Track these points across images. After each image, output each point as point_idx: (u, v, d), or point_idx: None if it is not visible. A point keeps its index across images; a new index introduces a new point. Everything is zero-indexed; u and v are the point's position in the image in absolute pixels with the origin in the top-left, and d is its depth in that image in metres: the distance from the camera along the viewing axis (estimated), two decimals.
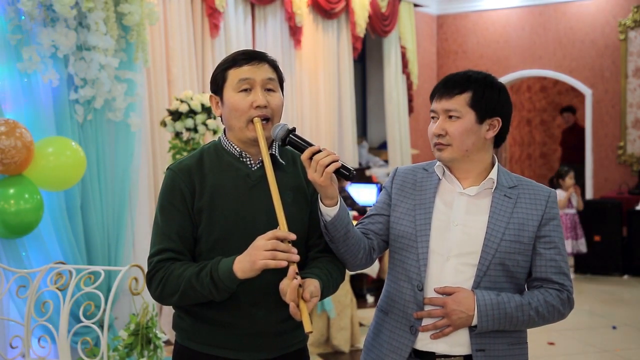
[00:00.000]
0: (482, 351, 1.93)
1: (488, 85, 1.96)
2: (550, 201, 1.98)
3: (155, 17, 4.18)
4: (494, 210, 1.95)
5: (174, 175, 1.91)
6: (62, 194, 3.75)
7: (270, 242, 1.73)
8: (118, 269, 3.26)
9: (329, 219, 1.85)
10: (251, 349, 1.90)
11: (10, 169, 3.37)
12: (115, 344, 3.51)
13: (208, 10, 5.65)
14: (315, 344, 4.73)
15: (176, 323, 1.98)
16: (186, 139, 4.64)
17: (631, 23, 8.41)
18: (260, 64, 1.91)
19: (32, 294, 3.23)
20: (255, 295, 1.87)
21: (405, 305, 1.98)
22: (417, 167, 2.10)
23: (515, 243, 1.93)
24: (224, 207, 1.87)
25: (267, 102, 1.88)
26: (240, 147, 1.93)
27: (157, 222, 1.91)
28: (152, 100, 5.15)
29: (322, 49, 7.14)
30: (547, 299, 1.93)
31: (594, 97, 8.75)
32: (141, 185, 4.51)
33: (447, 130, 1.94)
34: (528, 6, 9.04)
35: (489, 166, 2.01)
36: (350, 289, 4.90)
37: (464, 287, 1.92)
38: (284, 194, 1.87)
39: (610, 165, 8.68)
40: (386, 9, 7.86)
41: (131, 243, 4.33)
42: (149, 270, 1.89)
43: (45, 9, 3.60)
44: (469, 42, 9.49)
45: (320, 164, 1.77)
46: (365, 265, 2.02)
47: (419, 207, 1.99)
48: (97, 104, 3.89)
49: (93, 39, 3.78)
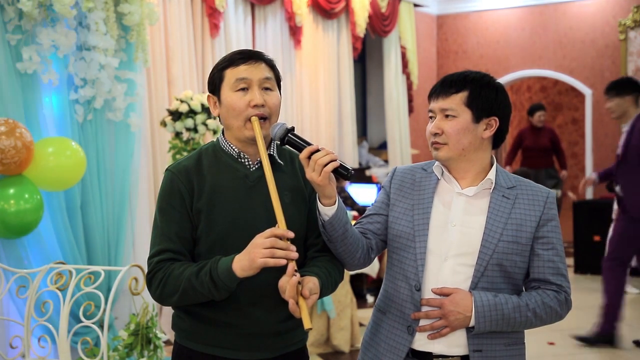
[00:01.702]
0: (479, 352, 1.93)
1: (485, 84, 1.96)
2: (548, 202, 1.98)
3: (155, 17, 4.19)
4: (492, 211, 1.95)
5: (172, 177, 1.91)
6: (62, 194, 3.75)
7: (268, 240, 1.74)
8: (118, 269, 3.26)
9: (327, 218, 1.85)
10: (250, 348, 1.90)
11: (10, 169, 3.37)
12: (115, 344, 3.51)
13: (208, 10, 5.65)
14: (315, 344, 4.73)
15: (175, 323, 1.98)
16: (186, 139, 4.64)
17: (631, 23, 8.41)
18: (257, 63, 1.91)
19: (32, 294, 3.23)
20: (254, 295, 1.88)
21: (403, 305, 1.98)
22: (415, 167, 2.10)
23: (513, 244, 1.93)
24: (222, 207, 1.87)
25: (264, 101, 1.89)
26: (238, 147, 1.93)
27: (157, 223, 1.92)
28: (152, 100, 5.16)
29: (322, 49, 7.14)
30: (544, 300, 1.94)
31: (594, 97, 8.75)
32: (141, 185, 4.52)
33: (443, 129, 1.95)
34: (528, 6, 9.04)
35: (487, 166, 2.01)
36: (350, 289, 4.90)
37: (461, 287, 1.92)
38: (283, 193, 1.87)
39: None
40: (386, 9, 7.86)
41: (131, 243, 4.34)
42: (148, 271, 1.90)
43: (45, 9, 3.60)
44: (469, 42, 9.49)
45: (319, 163, 1.77)
46: (363, 265, 2.02)
47: (417, 207, 2.00)
48: (97, 104, 3.89)
49: (93, 39, 3.78)
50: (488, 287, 1.93)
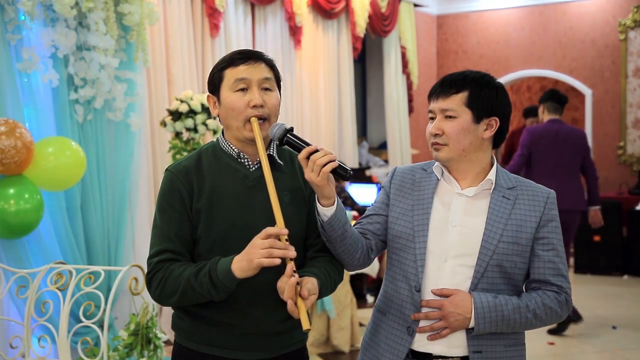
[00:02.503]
0: (479, 353, 1.93)
1: (485, 84, 1.95)
2: (549, 202, 1.98)
3: (155, 17, 4.19)
4: (492, 212, 1.94)
5: (172, 177, 1.91)
6: (62, 194, 3.75)
7: (267, 240, 1.74)
8: (118, 269, 3.26)
9: (326, 218, 1.85)
10: (250, 348, 1.90)
11: (10, 169, 3.37)
12: (115, 344, 3.51)
13: (208, 10, 5.65)
14: (315, 344, 4.73)
15: (175, 323, 1.98)
16: (186, 139, 4.64)
17: (631, 23, 8.41)
18: (256, 63, 1.91)
19: (32, 294, 3.23)
20: (254, 295, 1.88)
21: (403, 305, 1.98)
22: (415, 167, 2.10)
23: (513, 244, 1.93)
24: (222, 208, 1.87)
25: (263, 101, 1.89)
26: (238, 147, 1.93)
27: (156, 224, 1.92)
28: (152, 100, 5.16)
29: (322, 49, 7.14)
30: (544, 302, 1.93)
31: (594, 97, 8.75)
32: (141, 185, 4.52)
33: (443, 130, 1.94)
34: (528, 6, 9.04)
35: (487, 167, 2.00)
36: (350, 289, 4.90)
37: (461, 288, 1.92)
38: (282, 194, 1.87)
39: (610, 165, 8.68)
40: (386, 9, 7.86)
41: (131, 243, 4.33)
42: (148, 271, 1.90)
43: (45, 9, 3.61)
44: (469, 42, 9.49)
45: (317, 163, 1.77)
46: (363, 265, 2.02)
47: (417, 208, 1.99)
48: (97, 104, 3.89)
49: (93, 39, 3.78)
50: (488, 288, 1.92)
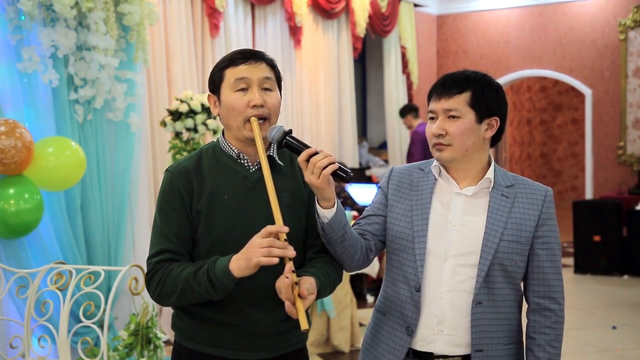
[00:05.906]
0: (480, 351, 1.93)
1: (486, 84, 1.95)
2: (547, 200, 1.98)
3: (155, 17, 4.19)
4: (491, 210, 1.94)
5: (172, 177, 1.91)
6: (62, 194, 3.75)
7: (266, 240, 1.74)
8: (118, 269, 3.26)
9: (326, 220, 1.84)
10: (250, 348, 1.90)
11: (10, 169, 3.38)
12: (115, 344, 3.51)
13: (208, 10, 5.65)
14: (315, 344, 4.73)
15: (175, 323, 1.98)
16: (186, 139, 4.64)
17: (631, 23, 8.41)
18: (257, 63, 1.90)
19: (32, 294, 3.23)
20: (253, 295, 1.87)
21: (403, 306, 1.97)
22: (412, 167, 2.09)
23: (514, 243, 1.93)
24: (222, 209, 1.87)
25: (263, 101, 1.88)
26: (238, 147, 1.93)
27: (156, 224, 1.91)
28: (152, 100, 5.16)
29: (322, 49, 7.14)
30: (552, 344, 2.00)
31: (594, 97, 8.76)
32: (141, 185, 4.52)
33: (447, 130, 1.93)
34: (528, 6, 9.05)
35: (485, 165, 2.00)
36: (350, 289, 4.90)
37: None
38: (282, 195, 1.86)
39: (610, 165, 8.69)
40: (386, 9, 7.86)
41: (131, 243, 4.33)
42: (147, 272, 1.89)
43: (45, 9, 3.61)
44: (469, 42, 9.50)
45: (317, 166, 1.77)
46: (362, 266, 2.02)
47: (416, 208, 1.99)
48: (97, 104, 3.89)
49: (93, 39, 3.78)
50: (488, 287, 1.92)
